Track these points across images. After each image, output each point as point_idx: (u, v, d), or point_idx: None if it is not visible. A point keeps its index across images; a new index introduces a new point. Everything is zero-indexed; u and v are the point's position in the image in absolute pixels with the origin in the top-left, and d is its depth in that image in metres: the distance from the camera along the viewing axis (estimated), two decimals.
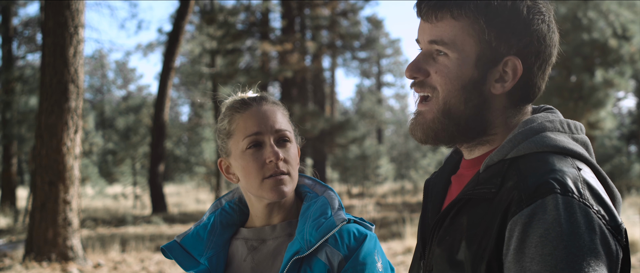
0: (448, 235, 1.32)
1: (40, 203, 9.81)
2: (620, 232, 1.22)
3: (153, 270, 9.75)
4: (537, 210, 1.18)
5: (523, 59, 1.33)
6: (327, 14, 25.82)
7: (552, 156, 1.27)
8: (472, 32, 1.34)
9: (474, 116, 1.37)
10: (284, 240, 1.79)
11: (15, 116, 22.65)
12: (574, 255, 1.15)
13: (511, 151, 1.31)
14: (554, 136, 1.32)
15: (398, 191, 31.89)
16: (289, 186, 1.75)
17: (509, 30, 1.33)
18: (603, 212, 1.21)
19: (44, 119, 9.85)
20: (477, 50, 1.35)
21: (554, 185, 1.20)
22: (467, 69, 1.36)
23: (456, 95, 1.37)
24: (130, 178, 27.63)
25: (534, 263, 1.16)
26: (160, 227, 16.59)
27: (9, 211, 20.12)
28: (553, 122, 1.36)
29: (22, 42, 26.59)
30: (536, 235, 1.17)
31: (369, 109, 40.45)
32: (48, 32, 9.96)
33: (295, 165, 1.77)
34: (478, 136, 1.40)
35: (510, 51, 1.33)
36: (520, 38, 1.33)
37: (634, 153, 35.45)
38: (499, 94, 1.36)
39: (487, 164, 1.34)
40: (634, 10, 19.99)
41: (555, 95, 20.35)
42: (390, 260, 9.57)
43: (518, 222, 1.19)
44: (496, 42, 1.33)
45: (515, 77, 1.34)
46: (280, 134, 1.77)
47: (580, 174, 1.24)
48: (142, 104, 38.67)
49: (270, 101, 1.83)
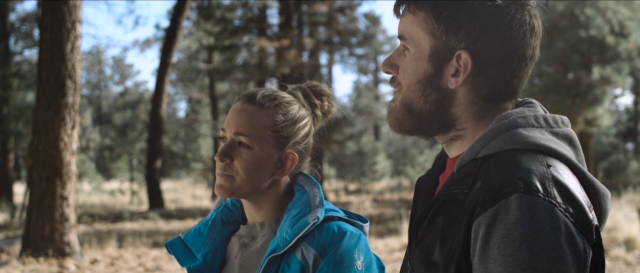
0: (425, 236, 1.31)
1: (37, 198, 9.80)
2: (590, 230, 1.19)
3: (150, 266, 9.76)
4: (500, 210, 1.16)
5: (474, 52, 1.31)
6: (324, 11, 25.81)
7: (520, 154, 1.24)
8: (426, 26, 1.34)
9: (435, 111, 1.36)
10: (270, 237, 1.78)
11: (12, 112, 22.63)
12: (536, 255, 1.13)
13: (482, 149, 1.29)
14: (526, 132, 1.29)
15: (395, 188, 31.95)
16: (225, 189, 1.74)
17: (457, 24, 1.31)
18: (571, 210, 1.18)
19: (41, 115, 9.84)
20: (430, 44, 1.34)
21: (518, 184, 1.17)
22: (423, 64, 1.35)
23: (414, 90, 1.37)
24: (127, 174, 27.63)
25: (496, 264, 1.15)
26: (157, 223, 16.59)
27: (6, 206, 20.11)
28: (526, 117, 1.32)
29: (19, 37, 26.57)
30: (498, 236, 1.15)
31: (366, 105, 40.43)
32: (45, 28, 9.94)
33: (243, 171, 1.73)
34: (445, 130, 1.39)
35: (460, 44, 1.32)
36: (469, 31, 1.30)
37: (631, 150, 35.52)
38: (457, 88, 1.35)
39: (460, 164, 1.32)
40: (631, 7, 20.02)
41: (552, 92, 20.38)
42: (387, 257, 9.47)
43: (482, 223, 1.18)
44: (446, 36, 1.32)
45: (466, 71, 1.32)
46: (237, 138, 1.74)
47: (549, 171, 1.21)
48: (139, 100, 38.63)
49: (250, 100, 1.78)
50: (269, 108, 1.76)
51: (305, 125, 1.82)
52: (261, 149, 1.74)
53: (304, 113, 1.83)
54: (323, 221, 1.70)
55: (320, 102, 1.88)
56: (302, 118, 1.81)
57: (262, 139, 1.74)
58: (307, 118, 1.83)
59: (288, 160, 1.79)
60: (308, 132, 1.84)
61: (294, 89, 1.87)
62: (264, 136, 1.74)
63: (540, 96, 20.40)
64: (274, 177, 1.78)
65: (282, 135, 1.77)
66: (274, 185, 1.80)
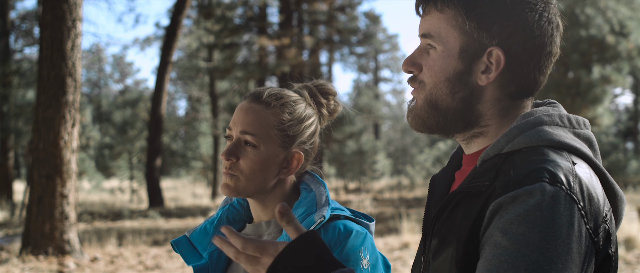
0: (443, 227, 1.32)
1: (37, 196, 9.80)
2: (597, 234, 1.20)
3: (150, 264, 9.76)
4: (521, 193, 1.17)
5: (506, 49, 1.32)
6: (324, 9, 25.79)
7: (547, 150, 1.25)
8: (455, 23, 1.34)
9: (462, 107, 1.37)
10: (276, 235, 1.78)
11: (12, 110, 22.63)
12: (547, 242, 1.13)
13: (507, 145, 1.30)
14: (551, 130, 1.30)
15: (395, 187, 31.95)
16: (231, 188, 1.74)
17: (489, 20, 1.32)
18: (587, 210, 1.18)
19: (42, 113, 9.84)
20: (460, 42, 1.34)
21: (544, 174, 1.18)
22: (452, 61, 1.35)
23: (441, 87, 1.37)
24: (127, 172, 27.63)
25: (505, 238, 1.15)
26: (157, 221, 16.59)
27: (6, 204, 20.11)
28: (551, 116, 1.34)
29: (19, 35, 26.56)
30: (514, 213, 1.16)
31: (366, 104, 40.43)
32: (45, 26, 9.94)
33: (249, 171, 1.73)
34: (469, 127, 1.40)
35: (492, 41, 1.32)
36: (502, 28, 1.31)
37: (631, 150, 35.51)
38: (486, 86, 1.35)
39: (484, 159, 1.33)
40: (632, 6, 20.01)
41: (552, 91, 20.38)
42: (387, 256, 9.43)
43: (501, 203, 1.18)
44: (478, 33, 1.33)
45: (498, 68, 1.32)
46: (243, 136, 1.74)
47: (574, 168, 1.22)
48: (139, 98, 38.58)
49: (256, 99, 1.78)
50: (276, 107, 1.76)
51: (312, 124, 1.82)
52: (267, 149, 1.74)
53: (310, 112, 1.82)
54: (329, 220, 1.70)
55: (327, 101, 1.88)
56: (309, 117, 1.81)
57: (268, 139, 1.74)
58: (313, 117, 1.83)
59: (294, 159, 1.78)
60: (314, 131, 1.83)
61: (300, 88, 1.86)
62: (270, 135, 1.74)
63: (540, 95, 20.38)
64: (280, 176, 1.78)
65: (289, 134, 1.76)
66: (280, 183, 1.79)
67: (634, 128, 38.34)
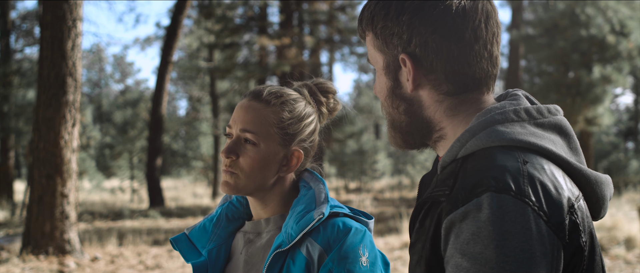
0: (418, 238, 1.30)
1: (37, 196, 9.81)
2: (562, 230, 1.17)
3: (150, 264, 9.76)
4: (471, 208, 1.15)
5: (411, 54, 1.33)
6: (325, 9, 25.77)
7: (497, 151, 1.23)
8: (375, 44, 1.39)
9: (409, 118, 1.39)
10: (275, 233, 1.79)
11: (12, 110, 22.65)
12: (505, 255, 1.11)
13: (460, 150, 1.28)
14: (503, 128, 1.27)
15: (395, 187, 31.94)
16: (231, 186, 1.75)
17: (389, 32, 1.35)
18: (545, 208, 1.15)
19: (42, 113, 9.85)
20: (382, 59, 1.39)
21: (490, 183, 1.16)
22: (384, 80, 1.40)
23: (387, 105, 1.42)
24: (127, 172, 27.62)
25: (464, 259, 1.14)
26: (157, 221, 16.60)
27: (6, 204, 20.13)
28: (505, 113, 1.30)
29: (20, 35, 26.59)
30: (468, 233, 1.14)
31: (366, 104, 40.46)
32: (46, 26, 9.94)
33: (249, 168, 1.73)
34: (428, 135, 1.40)
35: (397, 50, 1.35)
36: (400, 35, 1.33)
37: (631, 150, 35.52)
38: (419, 92, 1.36)
39: (442, 166, 1.32)
40: (632, 6, 20.00)
41: (553, 91, 20.38)
42: (387, 255, 9.46)
43: (453, 221, 1.17)
44: (387, 47, 1.36)
45: (411, 73, 1.34)
46: (243, 134, 1.75)
47: (525, 168, 1.19)
48: (139, 98, 38.64)
49: (256, 97, 1.78)
50: (276, 105, 1.77)
51: (311, 122, 1.82)
52: (267, 147, 1.75)
53: (310, 110, 1.83)
54: (328, 218, 1.70)
55: (326, 99, 1.88)
56: (308, 115, 1.82)
57: (268, 137, 1.75)
58: (313, 115, 1.83)
59: (294, 157, 1.79)
60: (314, 129, 1.84)
61: (300, 86, 1.87)
62: (270, 133, 1.75)
63: (540, 95, 20.40)
64: (280, 174, 1.79)
65: (288, 132, 1.77)
66: (279, 181, 1.80)
67: (634, 127, 38.34)
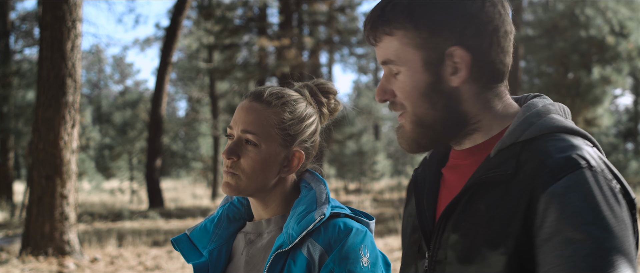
0: (464, 220, 1.33)
1: (37, 197, 9.80)
2: (634, 206, 1.28)
3: (150, 265, 9.76)
4: (569, 183, 1.22)
5: (464, 44, 1.34)
6: (324, 10, 25.77)
7: (566, 136, 1.32)
8: (408, 41, 1.36)
9: (448, 115, 1.38)
10: (276, 233, 1.79)
11: (12, 110, 22.64)
12: (616, 222, 1.21)
13: (523, 133, 1.33)
14: (559, 117, 1.36)
15: (395, 188, 31.91)
16: (232, 187, 1.74)
17: (438, 24, 1.34)
18: (622, 186, 1.27)
19: (41, 113, 9.84)
20: (420, 55, 1.36)
21: (580, 161, 1.24)
22: (420, 76, 1.37)
23: (420, 105, 1.39)
24: (127, 173, 27.63)
25: (578, 232, 1.20)
26: (157, 222, 16.59)
27: (6, 205, 20.11)
28: (554, 105, 1.40)
29: (19, 36, 26.60)
30: (574, 206, 1.21)
31: (366, 105, 40.42)
32: (45, 26, 9.94)
33: (250, 169, 1.73)
34: (461, 131, 1.41)
35: (448, 42, 1.34)
36: (452, 27, 1.34)
37: (631, 151, 35.51)
38: (461, 85, 1.37)
39: (499, 148, 1.35)
40: (632, 7, 20.01)
41: (552, 92, 20.38)
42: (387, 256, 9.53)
43: (554, 194, 1.22)
44: (432, 40, 1.35)
45: (466, 63, 1.35)
46: (244, 135, 1.74)
47: (593, 151, 1.30)
48: (139, 99, 38.60)
49: (257, 98, 1.78)
50: (276, 105, 1.76)
51: (312, 123, 1.82)
52: (268, 147, 1.74)
53: (311, 110, 1.83)
54: (329, 218, 1.70)
55: (327, 100, 1.88)
56: (309, 115, 1.81)
57: (269, 137, 1.75)
58: (314, 116, 1.83)
59: (295, 158, 1.79)
60: (315, 130, 1.84)
61: (301, 87, 1.87)
62: (271, 134, 1.75)
63: None
64: (281, 175, 1.78)
65: (289, 133, 1.77)
66: (280, 182, 1.80)
67: (634, 128, 38.34)
